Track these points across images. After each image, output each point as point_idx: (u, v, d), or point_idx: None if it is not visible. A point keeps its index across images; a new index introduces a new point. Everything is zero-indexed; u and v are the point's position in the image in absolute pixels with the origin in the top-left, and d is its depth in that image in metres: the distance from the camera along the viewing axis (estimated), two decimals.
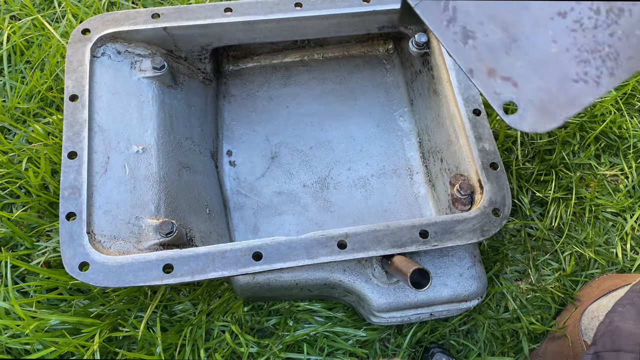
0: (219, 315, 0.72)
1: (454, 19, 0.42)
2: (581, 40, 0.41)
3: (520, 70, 0.41)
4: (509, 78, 0.41)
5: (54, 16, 0.94)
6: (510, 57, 0.42)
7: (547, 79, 0.41)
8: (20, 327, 0.66)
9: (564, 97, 0.41)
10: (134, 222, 0.62)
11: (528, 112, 0.41)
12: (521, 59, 0.41)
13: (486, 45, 0.42)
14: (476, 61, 0.42)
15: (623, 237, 0.81)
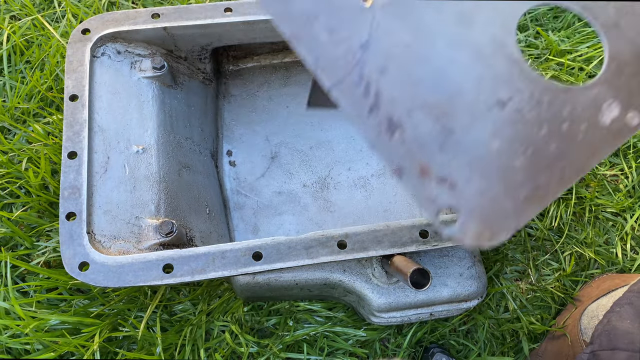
0: (219, 315, 0.72)
1: (376, 106, 0.36)
2: (523, 135, 0.36)
3: (458, 170, 0.35)
4: (445, 179, 0.35)
5: (54, 16, 0.94)
6: (445, 154, 0.35)
7: (490, 180, 0.35)
8: (20, 327, 0.66)
9: (510, 205, 0.35)
10: (134, 222, 0.62)
11: (470, 221, 0.35)
12: (458, 156, 0.35)
13: (417, 138, 0.35)
14: (406, 158, 0.35)
15: (623, 237, 0.81)
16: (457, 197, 0.35)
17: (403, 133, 0.35)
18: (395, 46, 0.36)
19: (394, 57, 0.35)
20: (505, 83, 0.36)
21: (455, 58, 0.36)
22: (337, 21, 0.36)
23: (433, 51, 0.36)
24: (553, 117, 0.36)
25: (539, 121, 0.36)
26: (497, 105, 0.36)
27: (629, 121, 0.37)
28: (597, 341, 0.62)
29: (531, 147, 0.36)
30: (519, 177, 0.36)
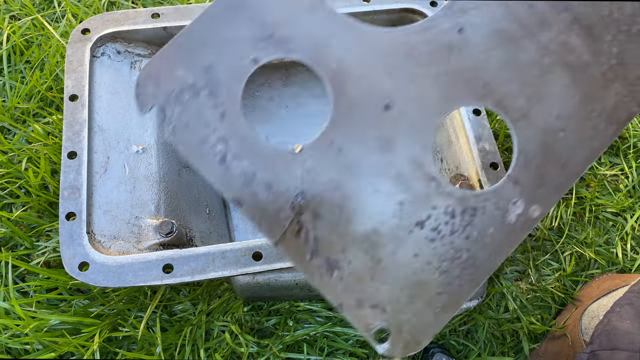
0: (219, 315, 0.72)
1: (316, 251, 0.39)
2: (440, 249, 0.40)
3: (387, 294, 0.39)
4: (377, 305, 0.39)
5: (54, 16, 0.94)
6: (376, 282, 0.39)
7: (414, 298, 0.40)
8: (20, 327, 0.66)
9: (431, 315, 0.40)
10: (134, 222, 0.62)
11: (399, 338, 0.39)
12: (386, 281, 0.40)
13: (352, 274, 0.39)
14: (344, 294, 0.39)
15: (623, 237, 0.81)
16: (388, 319, 0.39)
17: (340, 271, 0.39)
18: (326, 189, 0.39)
19: (326, 200, 0.39)
20: (423, 203, 0.40)
21: (378, 188, 0.40)
22: (273, 175, 0.39)
23: (359, 186, 0.40)
24: (465, 227, 0.41)
25: (453, 233, 0.41)
26: (417, 226, 0.40)
27: (532, 214, 0.42)
28: (596, 341, 0.62)
29: (446, 260, 0.40)
30: (436, 290, 0.40)
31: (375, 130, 0.40)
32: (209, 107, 0.39)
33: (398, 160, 0.40)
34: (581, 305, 0.73)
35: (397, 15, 0.79)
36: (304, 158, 0.39)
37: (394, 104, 0.41)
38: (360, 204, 0.40)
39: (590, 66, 0.43)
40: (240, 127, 0.39)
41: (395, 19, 0.78)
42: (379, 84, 0.41)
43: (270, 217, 0.39)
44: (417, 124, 0.41)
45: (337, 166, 0.40)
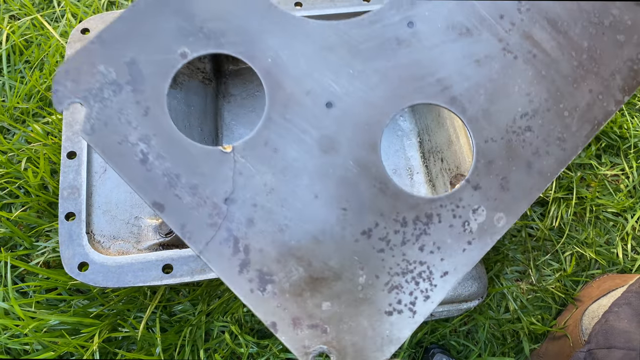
0: (219, 315, 0.72)
1: (247, 262, 0.35)
2: (390, 261, 0.36)
3: (327, 313, 0.35)
4: (317, 325, 0.35)
5: (54, 16, 0.94)
6: (315, 299, 0.35)
7: (357, 316, 0.35)
8: (19, 327, 0.66)
9: (379, 335, 0.35)
10: (134, 222, 0.61)
11: None
12: (328, 298, 0.35)
13: (288, 288, 0.35)
14: (279, 311, 0.34)
15: (624, 237, 0.81)
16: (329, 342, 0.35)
17: (274, 285, 0.34)
18: (260, 193, 0.36)
19: (260, 205, 0.35)
20: (370, 209, 0.37)
21: (319, 193, 0.36)
22: (199, 176, 0.36)
23: (297, 190, 0.36)
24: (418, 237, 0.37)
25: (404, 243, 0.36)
26: (363, 235, 0.36)
27: (496, 223, 0.37)
28: (594, 340, 0.63)
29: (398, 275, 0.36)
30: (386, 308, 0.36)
31: (316, 130, 0.37)
32: (131, 104, 0.37)
33: (342, 163, 0.37)
34: (582, 305, 0.73)
35: None
36: (235, 159, 0.36)
37: (336, 101, 0.37)
38: (297, 210, 0.36)
39: (557, 61, 0.40)
40: (164, 125, 0.37)
41: None
42: (319, 80, 0.38)
43: (195, 223, 0.35)
44: (363, 124, 0.37)
45: (272, 168, 0.36)
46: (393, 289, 0.36)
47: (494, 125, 0.39)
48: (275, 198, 0.36)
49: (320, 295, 0.35)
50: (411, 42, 0.40)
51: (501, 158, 0.38)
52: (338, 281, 0.36)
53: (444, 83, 0.39)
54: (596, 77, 0.40)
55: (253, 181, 0.36)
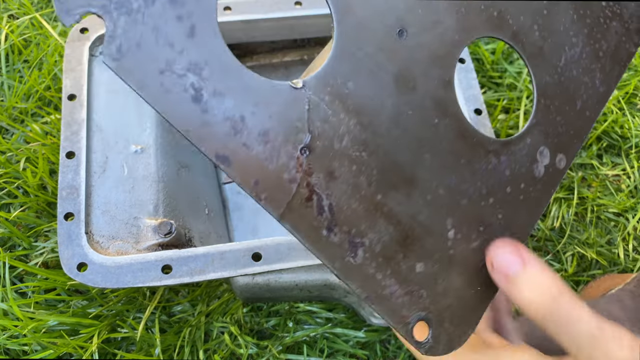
0: (218, 316, 0.72)
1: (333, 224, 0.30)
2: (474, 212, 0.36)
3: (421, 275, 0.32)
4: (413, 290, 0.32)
5: (52, 15, 0.93)
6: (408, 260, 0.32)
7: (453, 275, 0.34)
8: (18, 327, 0.66)
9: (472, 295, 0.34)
10: (133, 223, 0.61)
11: (441, 329, 0.33)
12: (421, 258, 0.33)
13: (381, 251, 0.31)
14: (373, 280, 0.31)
15: (625, 238, 0.81)
16: (427, 307, 0.32)
17: (366, 250, 0.31)
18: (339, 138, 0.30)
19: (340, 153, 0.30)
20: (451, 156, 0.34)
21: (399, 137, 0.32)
22: (269, 118, 0.29)
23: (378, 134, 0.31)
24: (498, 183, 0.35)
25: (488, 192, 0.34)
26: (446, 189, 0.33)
27: (558, 165, 0.37)
28: None
29: (483, 225, 0.34)
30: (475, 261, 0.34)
31: (390, 62, 0.32)
32: (170, 19, 0.28)
33: (420, 102, 0.33)
34: None
35: None
36: (309, 96, 0.30)
37: (409, 29, 0.32)
38: (380, 159, 0.31)
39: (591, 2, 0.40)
40: (218, 49, 0.29)
41: None
42: (391, 2, 0.32)
43: (270, 179, 0.29)
44: (436, 56, 0.33)
45: (348, 107, 0.31)
46: (481, 235, 0.34)
47: (548, 63, 0.38)
48: (357, 144, 0.31)
49: (413, 255, 0.32)
50: None
51: (556, 97, 0.37)
52: (429, 237, 0.32)
53: (503, 17, 0.37)
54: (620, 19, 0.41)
55: (329, 124, 0.30)
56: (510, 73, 0.91)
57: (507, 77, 0.91)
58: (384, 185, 0.31)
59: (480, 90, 0.69)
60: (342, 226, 0.30)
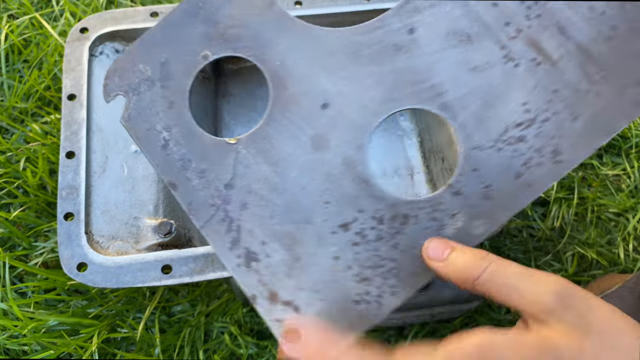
0: (218, 316, 0.72)
1: (237, 240, 0.39)
2: (363, 255, 0.38)
3: (301, 293, 0.38)
4: (290, 302, 0.38)
5: (52, 15, 0.93)
6: (291, 280, 0.38)
7: (328, 301, 0.38)
8: (18, 327, 0.66)
9: (345, 320, 0.38)
10: (133, 223, 0.61)
11: None
12: (302, 280, 0.38)
13: (269, 267, 0.39)
14: (259, 286, 0.39)
15: (625, 238, 0.81)
16: (299, 319, 0.38)
17: (258, 263, 0.39)
18: (255, 181, 0.40)
19: (254, 192, 0.40)
20: (350, 204, 0.39)
21: (306, 185, 0.40)
22: (207, 163, 0.41)
23: (287, 181, 0.40)
24: (393, 235, 0.38)
25: (379, 240, 0.38)
26: (341, 228, 0.39)
27: (473, 230, 0.38)
28: None
29: (369, 268, 0.38)
30: (353, 297, 0.38)
31: (310, 128, 0.40)
32: (160, 97, 0.43)
33: (330, 159, 0.40)
34: None
35: None
36: (238, 149, 0.41)
37: (332, 102, 0.40)
38: (286, 199, 0.40)
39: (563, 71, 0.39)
40: (184, 117, 0.42)
41: None
42: (319, 82, 0.41)
43: (200, 202, 0.40)
44: (354, 124, 0.40)
45: (268, 160, 0.40)
46: (363, 281, 0.38)
47: (484, 133, 0.39)
48: (267, 186, 0.40)
49: (296, 277, 0.39)
50: (410, 47, 0.41)
51: (488, 166, 0.38)
52: (315, 267, 0.39)
53: (438, 89, 0.39)
54: (605, 89, 0.38)
55: (250, 170, 0.40)
56: None
57: None
58: (284, 219, 0.39)
59: None
60: (243, 243, 0.39)
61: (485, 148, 0.39)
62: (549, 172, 0.38)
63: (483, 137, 0.39)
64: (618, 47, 0.39)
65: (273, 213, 0.39)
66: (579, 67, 0.39)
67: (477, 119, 0.39)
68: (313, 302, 0.38)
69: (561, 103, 0.39)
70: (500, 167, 0.38)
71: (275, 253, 0.39)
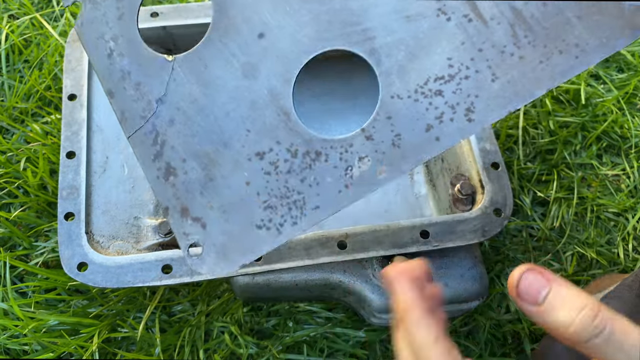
0: (218, 316, 0.72)
1: (160, 154, 0.42)
2: (273, 184, 0.40)
3: (210, 212, 0.41)
4: (199, 219, 0.41)
5: (53, 15, 0.94)
6: (203, 198, 0.41)
7: (233, 222, 0.41)
8: (18, 327, 0.66)
9: (245, 243, 0.40)
10: (133, 222, 0.61)
11: (209, 255, 0.41)
12: (213, 200, 0.41)
13: (184, 183, 0.41)
14: (173, 199, 0.41)
15: (625, 237, 0.81)
16: (205, 235, 0.41)
17: (176, 178, 0.41)
18: (184, 100, 0.42)
19: (182, 110, 0.42)
20: (269, 135, 0.41)
21: (231, 111, 0.41)
22: (143, 76, 0.43)
23: (214, 104, 0.42)
24: (303, 169, 0.40)
25: (289, 172, 0.41)
26: (257, 156, 0.41)
27: (377, 175, 0.39)
28: None
29: (275, 197, 0.41)
30: (256, 221, 0.41)
31: (244, 55, 0.41)
32: (113, 8, 0.44)
33: (257, 89, 0.41)
34: None
35: None
36: (174, 67, 0.42)
37: (268, 34, 0.41)
38: (210, 121, 0.42)
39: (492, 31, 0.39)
40: (131, 29, 0.43)
41: None
42: (260, 12, 0.41)
43: (132, 113, 0.42)
44: (286, 57, 0.41)
45: (199, 81, 0.42)
46: (268, 208, 0.40)
47: (405, 82, 0.39)
48: (195, 107, 0.41)
49: (208, 196, 0.41)
50: None
51: (401, 116, 0.39)
52: (226, 189, 0.41)
53: (368, 34, 0.40)
54: (531, 55, 0.38)
55: (181, 89, 0.42)
56: None
57: None
58: (205, 140, 0.41)
59: None
60: (165, 157, 0.42)
61: (403, 97, 0.39)
62: (459, 129, 0.39)
63: (403, 86, 0.39)
64: (550, 14, 0.38)
65: (196, 133, 0.41)
66: (509, 29, 0.38)
67: (400, 68, 0.39)
68: (220, 221, 0.41)
69: (484, 63, 0.39)
70: (413, 118, 0.39)
71: (193, 171, 0.41)
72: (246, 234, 0.40)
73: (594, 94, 0.90)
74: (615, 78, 0.93)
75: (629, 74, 0.93)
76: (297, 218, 0.40)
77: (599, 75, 0.93)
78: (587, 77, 0.91)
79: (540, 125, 0.86)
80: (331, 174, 0.40)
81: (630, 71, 0.94)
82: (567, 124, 0.87)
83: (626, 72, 0.94)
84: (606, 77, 0.92)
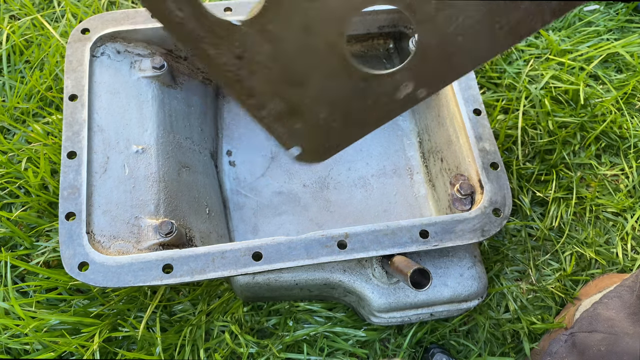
0: (219, 315, 0.72)
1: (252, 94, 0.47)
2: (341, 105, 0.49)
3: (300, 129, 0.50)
4: None
5: (54, 16, 0.94)
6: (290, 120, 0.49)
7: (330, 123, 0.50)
8: (20, 327, 0.66)
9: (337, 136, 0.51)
10: (134, 222, 0.62)
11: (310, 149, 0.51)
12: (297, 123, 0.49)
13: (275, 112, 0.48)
14: None
15: (624, 237, 0.81)
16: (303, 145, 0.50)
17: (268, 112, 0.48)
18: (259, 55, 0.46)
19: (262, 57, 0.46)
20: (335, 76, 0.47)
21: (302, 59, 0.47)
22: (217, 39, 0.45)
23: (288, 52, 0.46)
24: (365, 95, 0.48)
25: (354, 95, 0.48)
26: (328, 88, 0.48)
27: (419, 95, 0.49)
28: (577, 324, 0.63)
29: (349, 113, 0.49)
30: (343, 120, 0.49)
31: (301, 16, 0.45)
32: None
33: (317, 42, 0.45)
34: (578, 302, 0.73)
35: (397, 15, 0.79)
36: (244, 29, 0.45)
37: None
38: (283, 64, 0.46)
39: None
40: None
41: (397, 18, 0.78)
42: None
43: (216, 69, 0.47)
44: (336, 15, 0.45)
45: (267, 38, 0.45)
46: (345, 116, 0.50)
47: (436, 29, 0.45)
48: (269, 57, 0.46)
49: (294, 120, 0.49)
50: None
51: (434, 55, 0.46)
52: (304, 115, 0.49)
53: None
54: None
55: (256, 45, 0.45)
56: (509, 74, 0.91)
57: (506, 78, 0.91)
58: (281, 81, 0.47)
59: (479, 90, 0.70)
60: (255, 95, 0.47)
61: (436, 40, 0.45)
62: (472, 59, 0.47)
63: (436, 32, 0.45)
64: None
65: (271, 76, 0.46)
66: None
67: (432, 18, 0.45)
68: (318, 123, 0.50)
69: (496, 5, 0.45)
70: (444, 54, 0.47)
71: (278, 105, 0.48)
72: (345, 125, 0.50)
73: (593, 95, 0.90)
74: (614, 79, 0.93)
75: (627, 74, 0.93)
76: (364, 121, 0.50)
77: (598, 76, 0.93)
78: (586, 78, 0.92)
79: (539, 126, 0.86)
80: (385, 94, 0.48)
81: (628, 72, 0.94)
82: (566, 124, 0.88)
83: (625, 72, 0.94)
84: (605, 78, 0.93)
